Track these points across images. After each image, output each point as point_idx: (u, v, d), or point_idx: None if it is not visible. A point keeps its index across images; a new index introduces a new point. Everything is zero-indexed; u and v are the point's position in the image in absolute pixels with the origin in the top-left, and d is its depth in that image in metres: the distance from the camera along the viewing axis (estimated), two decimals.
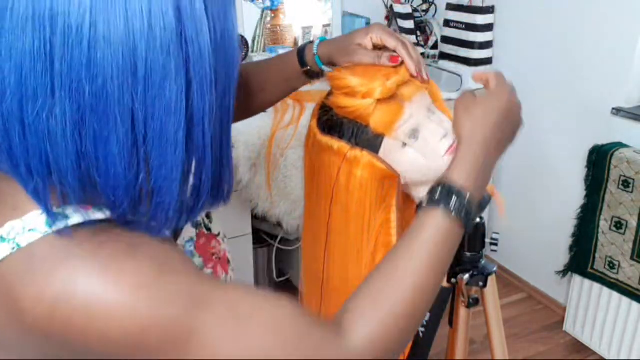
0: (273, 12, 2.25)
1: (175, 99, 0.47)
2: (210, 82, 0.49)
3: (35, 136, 0.45)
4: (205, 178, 0.53)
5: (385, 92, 0.78)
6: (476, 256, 1.03)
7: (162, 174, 0.49)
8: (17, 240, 0.49)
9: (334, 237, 0.88)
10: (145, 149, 0.48)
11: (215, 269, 0.69)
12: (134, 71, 0.45)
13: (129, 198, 0.49)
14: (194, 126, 0.49)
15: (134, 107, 0.46)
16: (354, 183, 0.82)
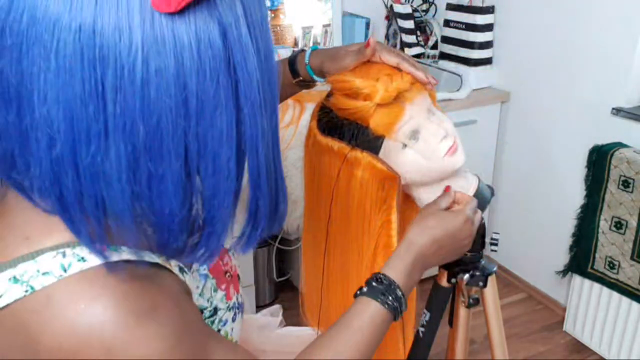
0: (273, 12, 2.25)
1: (227, 128, 0.46)
2: (260, 106, 0.48)
3: (89, 180, 0.44)
4: (262, 204, 0.52)
5: (386, 97, 0.78)
6: (476, 256, 1.02)
7: (214, 203, 0.48)
8: (31, 283, 0.48)
9: (335, 238, 0.88)
10: (198, 180, 0.47)
11: (228, 289, 0.68)
12: (185, 105, 0.44)
13: (183, 232, 0.48)
14: (246, 153, 0.48)
15: (187, 141, 0.45)
16: (355, 184, 0.82)
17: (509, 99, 2.38)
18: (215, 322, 0.65)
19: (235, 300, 0.69)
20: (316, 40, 2.37)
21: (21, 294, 0.47)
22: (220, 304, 0.66)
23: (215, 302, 0.65)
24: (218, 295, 0.66)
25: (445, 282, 1.05)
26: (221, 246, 0.52)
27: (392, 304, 0.73)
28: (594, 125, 2.03)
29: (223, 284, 0.67)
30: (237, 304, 0.70)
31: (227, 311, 0.67)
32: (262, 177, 0.51)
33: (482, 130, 2.36)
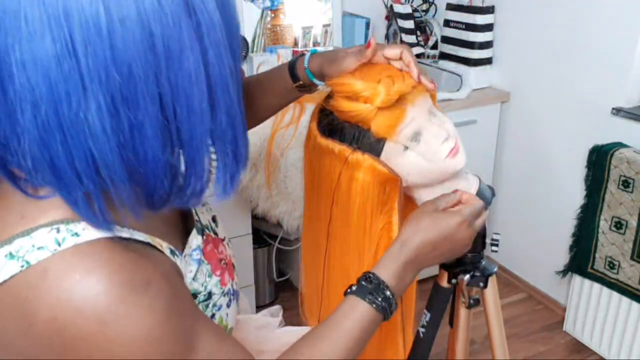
0: (273, 12, 2.25)
1: (195, 69, 0.48)
2: (225, 47, 0.50)
3: (77, 138, 0.46)
4: (240, 143, 0.55)
5: (387, 101, 0.77)
6: (477, 257, 1.02)
7: (194, 145, 0.51)
8: (27, 258, 0.49)
9: (335, 240, 0.88)
10: (176, 125, 0.49)
11: (223, 276, 0.70)
12: (153, 50, 0.46)
13: (168, 176, 0.51)
14: (218, 93, 0.51)
15: (160, 85, 0.47)
16: (356, 186, 0.82)
17: (509, 99, 2.38)
18: (209, 307, 0.66)
19: (230, 287, 0.71)
20: (316, 40, 2.36)
21: (17, 269, 0.49)
22: (214, 289, 0.67)
23: (210, 287, 0.67)
24: (212, 281, 0.67)
25: (445, 282, 1.05)
26: (205, 187, 0.54)
27: (381, 304, 0.72)
28: (594, 125, 2.03)
29: (218, 271, 0.69)
30: (232, 290, 0.71)
31: (221, 296, 0.68)
32: (237, 116, 0.54)
33: (482, 130, 2.36)
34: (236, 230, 1.98)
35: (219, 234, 0.76)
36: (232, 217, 1.94)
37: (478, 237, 1.01)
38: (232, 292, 0.71)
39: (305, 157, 0.90)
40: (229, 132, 0.53)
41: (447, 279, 1.05)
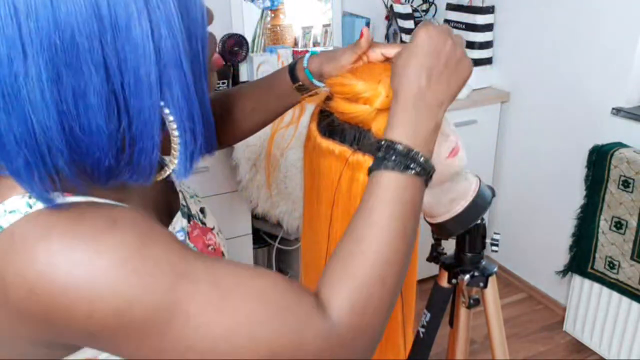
0: (273, 12, 2.25)
1: (142, 40, 0.48)
2: (178, 19, 0.50)
3: (16, 104, 0.46)
4: (197, 120, 0.54)
5: (387, 103, 0.77)
6: (477, 257, 1.02)
7: (141, 118, 0.50)
8: (0, 223, 0.49)
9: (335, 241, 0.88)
10: (123, 96, 0.49)
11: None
12: (99, 19, 0.46)
13: (113, 149, 0.50)
14: (169, 68, 0.50)
15: (105, 54, 0.47)
16: (357, 188, 0.82)
17: (509, 99, 2.38)
18: None
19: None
20: (316, 40, 2.36)
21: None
22: None
23: None
24: None
25: (445, 282, 1.05)
26: (154, 164, 0.53)
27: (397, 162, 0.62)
28: (594, 125, 2.03)
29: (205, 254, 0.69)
30: None
31: None
32: (193, 94, 0.53)
33: (482, 130, 2.36)
34: (236, 230, 1.98)
35: (207, 223, 0.75)
36: (232, 217, 1.94)
37: (478, 237, 1.01)
38: None
39: (304, 158, 0.90)
40: (184, 109, 0.53)
41: (447, 279, 1.05)
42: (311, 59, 0.87)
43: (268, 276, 0.55)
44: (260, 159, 1.82)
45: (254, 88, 0.94)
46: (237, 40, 2.08)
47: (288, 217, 1.96)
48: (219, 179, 1.86)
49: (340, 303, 0.56)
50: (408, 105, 0.65)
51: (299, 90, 0.89)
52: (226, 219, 1.93)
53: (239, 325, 0.51)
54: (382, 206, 0.61)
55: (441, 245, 1.06)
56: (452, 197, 0.90)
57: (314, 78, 0.86)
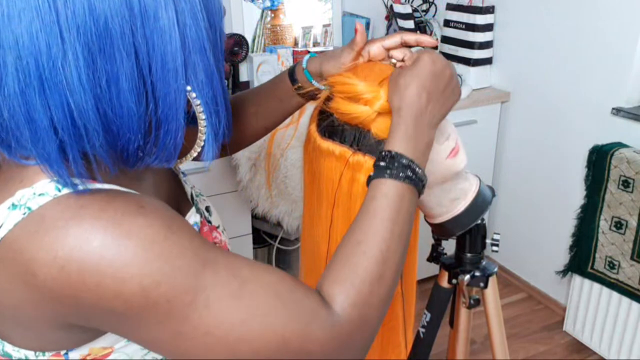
0: (273, 12, 2.25)
1: (169, 28, 0.51)
2: (200, 9, 0.54)
3: (54, 88, 0.48)
4: (220, 102, 0.58)
5: (386, 107, 0.77)
6: (477, 257, 1.02)
7: (167, 102, 0.53)
8: (29, 205, 0.51)
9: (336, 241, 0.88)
10: (151, 81, 0.52)
11: None
12: (130, 7, 0.49)
13: (142, 130, 0.53)
14: (194, 54, 0.54)
15: (135, 41, 0.50)
16: (357, 188, 0.82)
17: (509, 99, 2.38)
18: None
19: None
20: (316, 40, 2.36)
21: (19, 217, 0.50)
22: None
23: None
24: None
25: (445, 283, 1.05)
26: (179, 147, 0.56)
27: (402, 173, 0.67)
28: (594, 125, 2.03)
29: None
30: None
31: None
32: (215, 78, 0.57)
33: (482, 131, 2.36)
34: (236, 230, 1.98)
35: (212, 222, 0.78)
36: (232, 217, 1.94)
37: (479, 237, 1.01)
38: None
39: (305, 159, 0.90)
40: (209, 92, 0.56)
41: (447, 279, 1.05)
42: (310, 60, 0.88)
43: (278, 272, 0.58)
44: (260, 159, 1.82)
45: (255, 93, 0.95)
46: (237, 40, 2.08)
47: (288, 217, 1.96)
48: (219, 179, 1.86)
49: (344, 298, 0.60)
50: (410, 122, 0.70)
51: (299, 92, 0.89)
52: (226, 219, 1.92)
53: (254, 315, 0.54)
54: (383, 211, 0.65)
55: (441, 246, 1.06)
56: (452, 197, 0.90)
57: (314, 78, 0.87)
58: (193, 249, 0.53)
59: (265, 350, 0.54)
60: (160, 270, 0.50)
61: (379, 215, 0.65)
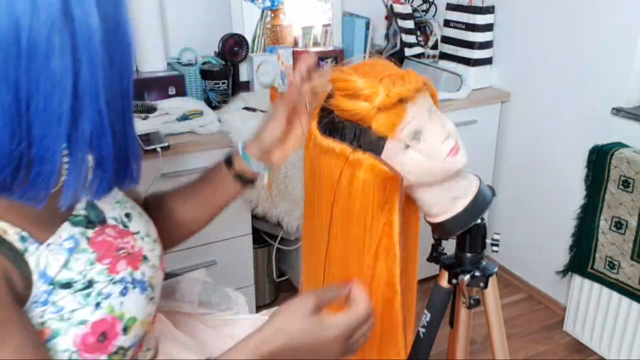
0: (273, 12, 2.25)
1: (61, 72, 0.50)
2: (101, 60, 0.53)
3: None
4: (106, 153, 0.57)
5: (386, 102, 0.77)
6: (477, 257, 1.02)
7: (44, 144, 0.52)
8: None
9: (336, 239, 0.88)
10: (28, 119, 0.51)
11: (114, 264, 0.70)
12: (17, 43, 0.48)
13: (11, 165, 0.52)
14: (85, 101, 0.53)
15: (18, 77, 0.49)
16: (357, 185, 0.82)
17: (509, 99, 2.37)
18: (91, 295, 0.66)
19: (126, 276, 0.71)
20: (316, 40, 2.36)
21: None
22: (97, 277, 0.67)
23: (91, 275, 0.67)
24: (96, 269, 0.68)
25: (445, 283, 1.05)
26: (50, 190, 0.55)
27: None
28: (594, 125, 2.03)
29: (108, 259, 0.69)
30: (133, 280, 0.71)
31: (109, 284, 0.68)
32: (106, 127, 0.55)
33: (482, 130, 2.36)
34: (236, 230, 1.97)
35: (130, 227, 0.76)
36: (232, 217, 1.94)
37: (479, 237, 1.01)
38: (134, 281, 0.71)
39: (305, 156, 0.90)
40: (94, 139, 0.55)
41: (447, 279, 1.05)
42: (247, 144, 0.90)
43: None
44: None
45: (192, 186, 0.95)
46: (237, 40, 2.08)
47: (288, 217, 1.96)
48: None
49: None
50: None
51: (238, 178, 0.91)
52: (226, 219, 1.92)
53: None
54: None
55: (441, 246, 1.06)
56: (452, 196, 0.90)
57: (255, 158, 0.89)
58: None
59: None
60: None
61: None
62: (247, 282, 2.08)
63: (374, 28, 2.42)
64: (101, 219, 0.73)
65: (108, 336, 0.66)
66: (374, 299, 0.90)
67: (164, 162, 1.70)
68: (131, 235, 0.75)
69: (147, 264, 0.75)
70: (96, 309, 0.66)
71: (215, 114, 1.89)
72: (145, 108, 1.87)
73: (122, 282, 0.69)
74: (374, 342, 0.92)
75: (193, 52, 2.16)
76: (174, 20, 2.14)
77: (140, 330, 0.72)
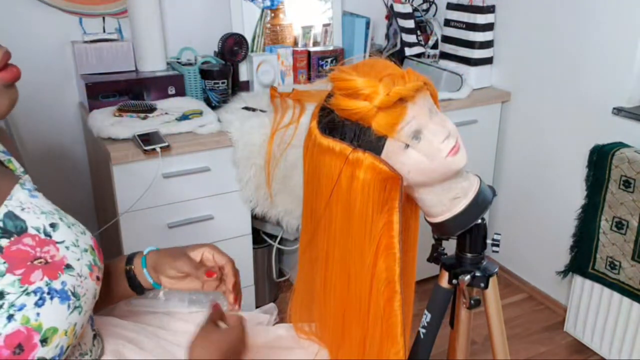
0: (273, 12, 2.24)
1: None
2: None
3: None
4: None
5: (386, 102, 0.77)
6: (477, 257, 1.02)
7: None
8: None
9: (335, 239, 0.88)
10: None
11: (28, 274, 0.68)
12: None
13: None
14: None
15: None
16: (356, 185, 0.81)
17: (509, 99, 2.37)
18: (3, 307, 0.65)
19: (42, 286, 0.69)
20: (316, 39, 2.36)
21: None
22: (8, 289, 0.66)
23: (1, 286, 0.66)
24: (5, 280, 0.66)
25: (446, 283, 1.05)
26: None
27: None
28: (595, 125, 2.02)
29: (20, 269, 0.68)
30: (50, 289, 0.70)
31: (22, 295, 0.67)
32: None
33: (483, 130, 2.35)
34: (236, 230, 1.97)
35: (53, 236, 0.75)
36: (232, 217, 1.94)
37: (479, 238, 1.00)
38: (51, 291, 0.70)
39: (305, 156, 0.90)
40: None
41: (447, 280, 1.04)
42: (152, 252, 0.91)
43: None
44: (260, 158, 1.81)
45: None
46: (236, 40, 2.07)
47: (288, 217, 1.96)
48: (219, 179, 1.86)
49: None
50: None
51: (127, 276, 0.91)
52: (226, 219, 1.92)
53: None
54: None
55: (442, 246, 1.06)
56: (452, 196, 0.89)
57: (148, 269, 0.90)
58: None
59: None
60: None
61: None
62: (247, 282, 2.08)
63: (374, 27, 2.41)
64: (20, 229, 0.71)
65: (25, 348, 0.65)
66: (374, 298, 0.89)
67: (163, 162, 1.70)
68: (53, 244, 0.74)
69: (71, 272, 0.73)
70: (9, 321, 0.65)
71: (214, 114, 1.89)
72: (145, 108, 1.86)
73: (37, 293, 0.68)
74: (374, 342, 0.92)
75: (193, 51, 2.16)
76: (173, 19, 2.14)
77: (64, 339, 0.70)
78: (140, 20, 1.99)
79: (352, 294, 0.90)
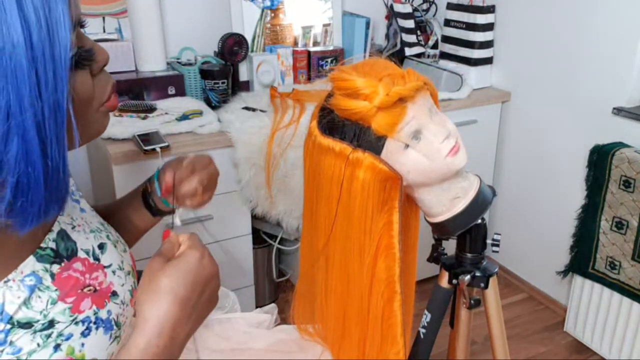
0: (273, 12, 2.24)
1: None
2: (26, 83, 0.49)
3: None
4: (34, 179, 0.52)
5: (385, 102, 0.77)
6: (477, 257, 1.02)
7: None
8: None
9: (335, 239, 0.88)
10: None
11: (78, 303, 0.66)
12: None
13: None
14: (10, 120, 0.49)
15: None
16: (356, 185, 0.81)
17: (509, 99, 2.37)
18: (52, 336, 0.63)
19: (90, 315, 0.66)
20: (316, 40, 2.36)
21: None
22: (59, 317, 0.63)
23: (52, 314, 0.63)
24: (57, 308, 0.64)
25: (446, 283, 1.05)
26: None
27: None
28: (595, 125, 2.02)
29: (72, 297, 0.65)
30: (97, 318, 0.67)
31: (71, 325, 0.64)
32: (34, 148, 0.51)
33: (483, 130, 2.35)
34: (236, 230, 1.97)
35: (101, 260, 0.72)
36: (232, 217, 1.94)
37: (479, 238, 1.00)
38: (97, 320, 0.67)
39: (305, 156, 0.90)
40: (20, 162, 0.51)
41: (447, 280, 1.04)
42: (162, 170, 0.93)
43: None
44: (260, 158, 1.81)
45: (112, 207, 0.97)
46: (236, 40, 2.07)
47: (288, 217, 1.96)
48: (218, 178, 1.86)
49: None
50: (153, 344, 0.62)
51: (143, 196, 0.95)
52: (226, 219, 1.92)
53: None
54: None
55: (442, 246, 1.06)
56: (452, 196, 0.89)
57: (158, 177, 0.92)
58: None
59: None
60: None
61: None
62: (247, 282, 2.08)
63: (374, 27, 2.41)
64: (71, 252, 0.69)
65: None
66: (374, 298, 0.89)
67: (163, 162, 1.70)
68: (102, 269, 0.71)
69: (116, 300, 0.71)
70: (55, 351, 0.62)
71: (214, 114, 1.89)
72: (145, 108, 1.86)
73: (84, 322, 0.66)
74: (374, 342, 0.92)
75: (193, 51, 2.16)
76: (173, 19, 2.14)
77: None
78: (140, 20, 1.99)
79: (352, 294, 0.90)
